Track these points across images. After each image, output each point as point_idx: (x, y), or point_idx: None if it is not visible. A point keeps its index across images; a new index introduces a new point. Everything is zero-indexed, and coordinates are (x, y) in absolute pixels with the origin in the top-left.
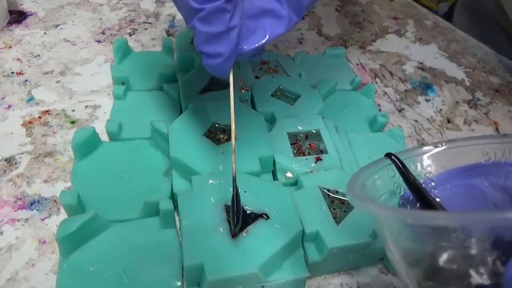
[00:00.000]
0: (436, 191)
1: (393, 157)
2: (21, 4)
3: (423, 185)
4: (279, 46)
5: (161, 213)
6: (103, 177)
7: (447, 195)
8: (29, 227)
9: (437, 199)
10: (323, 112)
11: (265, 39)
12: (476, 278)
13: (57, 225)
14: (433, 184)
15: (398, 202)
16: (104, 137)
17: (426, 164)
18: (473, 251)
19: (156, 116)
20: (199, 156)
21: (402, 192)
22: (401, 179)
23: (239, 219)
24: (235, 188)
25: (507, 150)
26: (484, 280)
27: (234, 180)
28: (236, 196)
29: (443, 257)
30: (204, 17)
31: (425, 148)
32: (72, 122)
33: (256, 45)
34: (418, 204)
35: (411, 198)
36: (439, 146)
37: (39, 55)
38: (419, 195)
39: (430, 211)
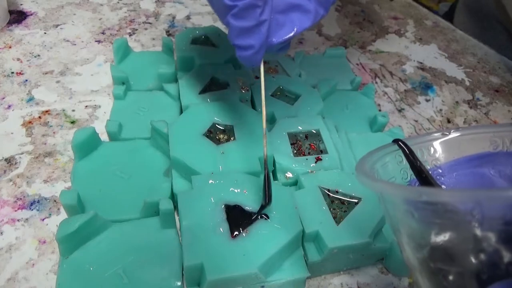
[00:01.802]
0: (443, 179)
1: (400, 143)
2: (21, 4)
3: (430, 172)
4: None
5: (161, 213)
6: (103, 177)
7: (452, 183)
8: (29, 227)
9: (443, 187)
10: (323, 112)
11: (293, 32)
12: (481, 259)
13: (57, 225)
14: (439, 171)
15: None
16: (104, 137)
17: (433, 152)
18: (482, 231)
19: (156, 116)
20: (199, 156)
21: (409, 178)
22: (407, 165)
23: (271, 196)
24: (267, 169)
25: None
26: (487, 260)
27: (265, 162)
28: (267, 177)
29: (452, 237)
30: (237, 13)
31: (433, 135)
32: (72, 122)
33: (285, 37)
34: None
35: (417, 184)
36: (447, 134)
37: (39, 55)
38: (425, 182)
39: (444, 189)
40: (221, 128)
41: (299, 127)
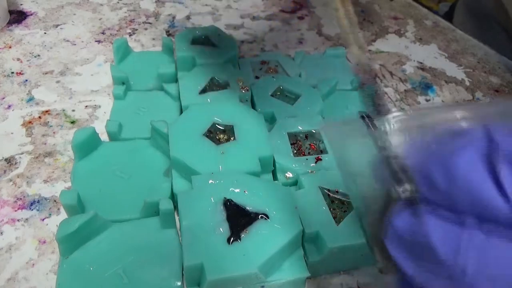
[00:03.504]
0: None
1: (366, 118)
2: (21, 4)
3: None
4: (279, 46)
5: (161, 213)
6: (103, 177)
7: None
8: (29, 227)
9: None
10: (323, 112)
11: None
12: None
13: (57, 225)
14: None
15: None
16: (104, 137)
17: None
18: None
19: (156, 116)
20: (199, 156)
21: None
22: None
23: None
24: None
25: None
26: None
27: None
28: None
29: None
30: None
31: (395, 114)
32: (72, 122)
33: None
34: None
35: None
36: (409, 113)
37: (39, 55)
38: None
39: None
40: (221, 128)
41: (299, 127)
